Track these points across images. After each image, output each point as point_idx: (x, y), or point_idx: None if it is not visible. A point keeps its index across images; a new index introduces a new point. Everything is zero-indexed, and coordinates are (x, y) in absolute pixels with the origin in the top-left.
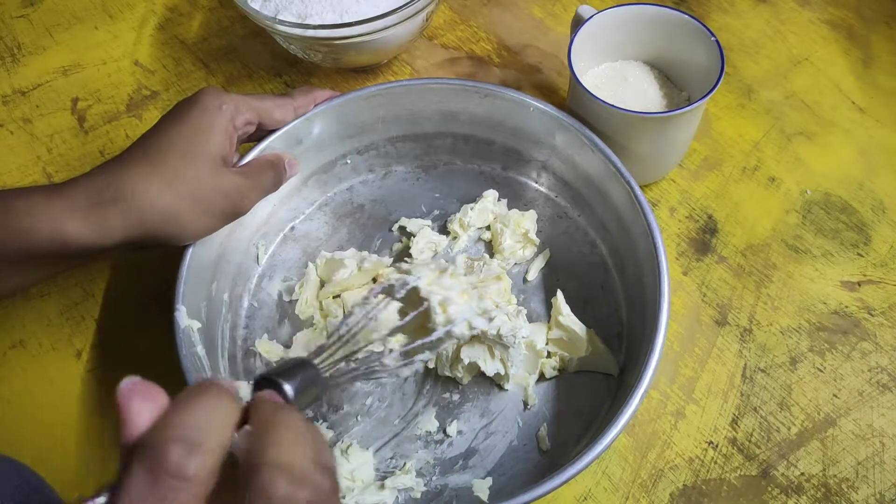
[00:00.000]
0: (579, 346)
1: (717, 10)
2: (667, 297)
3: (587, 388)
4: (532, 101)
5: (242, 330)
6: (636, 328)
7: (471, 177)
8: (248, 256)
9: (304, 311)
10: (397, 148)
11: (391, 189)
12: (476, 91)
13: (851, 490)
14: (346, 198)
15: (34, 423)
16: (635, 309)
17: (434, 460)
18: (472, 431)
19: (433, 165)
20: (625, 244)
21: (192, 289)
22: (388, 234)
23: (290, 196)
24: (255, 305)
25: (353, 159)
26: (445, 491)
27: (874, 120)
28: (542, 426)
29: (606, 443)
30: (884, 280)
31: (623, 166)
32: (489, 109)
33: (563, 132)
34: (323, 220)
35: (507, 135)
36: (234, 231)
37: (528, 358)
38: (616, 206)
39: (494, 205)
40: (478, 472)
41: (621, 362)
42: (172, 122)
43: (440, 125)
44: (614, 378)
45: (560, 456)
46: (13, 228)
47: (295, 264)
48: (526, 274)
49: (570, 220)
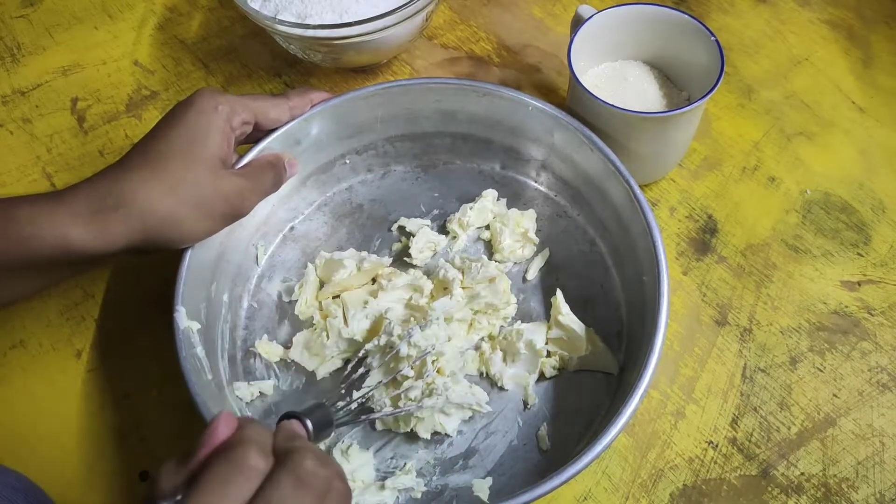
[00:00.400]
0: (579, 345)
1: (717, 10)
2: (666, 295)
3: (587, 387)
4: (530, 100)
5: (242, 331)
6: (636, 327)
7: (470, 176)
8: (247, 257)
9: (303, 312)
10: (396, 147)
11: (390, 189)
12: (474, 90)
13: (851, 490)
14: (345, 198)
15: (34, 422)
16: (635, 308)
17: (434, 460)
18: (473, 431)
19: (432, 165)
20: (624, 243)
21: (191, 290)
22: (388, 234)
23: (290, 196)
24: (255, 306)
25: (351, 159)
26: (446, 491)
27: (874, 120)
28: (542, 426)
29: (606, 442)
30: (884, 280)
31: (622, 165)
32: (488, 108)
33: (562, 131)
34: (322, 221)
35: (506, 134)
36: (234, 231)
37: (528, 357)
38: (615, 205)
39: (493, 204)
40: (478, 471)
41: (621, 361)
42: (170, 126)
43: (439, 125)
44: (614, 377)
45: (560, 455)
46: (16, 236)
47: (294, 265)
48: (525, 273)
49: (570, 219)
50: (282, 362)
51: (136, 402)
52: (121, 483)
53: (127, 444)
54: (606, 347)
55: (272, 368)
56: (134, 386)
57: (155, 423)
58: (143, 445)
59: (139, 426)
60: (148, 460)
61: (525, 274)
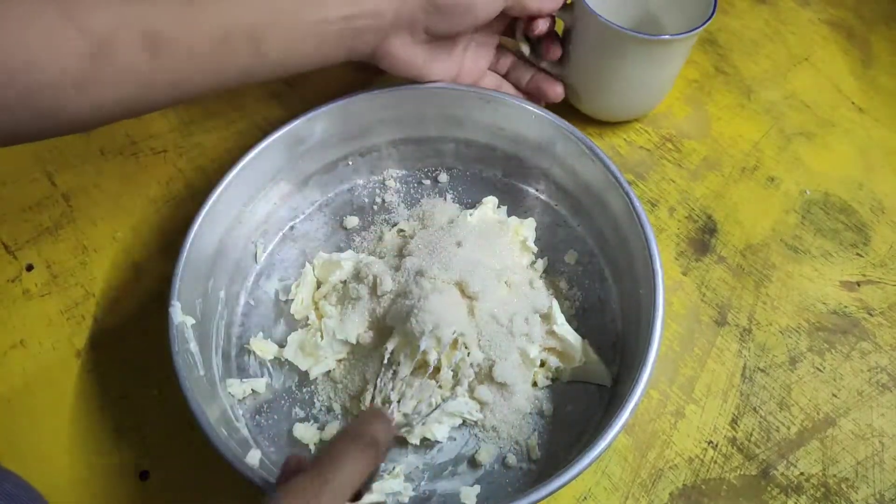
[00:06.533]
0: (573, 355)
1: (716, 11)
2: (661, 308)
3: (580, 398)
4: (534, 109)
5: (238, 327)
6: (631, 339)
7: (472, 182)
8: (246, 254)
9: (299, 312)
10: (399, 151)
11: (392, 192)
12: (479, 96)
13: (851, 490)
14: (346, 199)
15: (34, 422)
16: (631, 320)
17: (423, 465)
18: (463, 438)
19: (434, 169)
20: (623, 255)
21: (187, 285)
22: (388, 237)
23: (291, 195)
24: (252, 303)
25: (354, 160)
26: (433, 497)
27: (874, 120)
28: (532, 435)
29: (596, 453)
30: (883, 280)
31: (622, 176)
32: (492, 115)
33: (564, 141)
34: (322, 221)
35: (509, 141)
36: (234, 228)
37: (521, 367)
38: (615, 217)
39: (494, 211)
40: (466, 479)
41: (615, 373)
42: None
43: (443, 129)
44: (607, 389)
45: (550, 465)
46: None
47: (293, 264)
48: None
49: (570, 229)
50: (276, 361)
51: (136, 401)
52: (121, 483)
53: (127, 444)
54: (600, 359)
55: (266, 366)
56: (134, 386)
57: (155, 422)
58: (143, 445)
59: (139, 426)
60: (148, 460)
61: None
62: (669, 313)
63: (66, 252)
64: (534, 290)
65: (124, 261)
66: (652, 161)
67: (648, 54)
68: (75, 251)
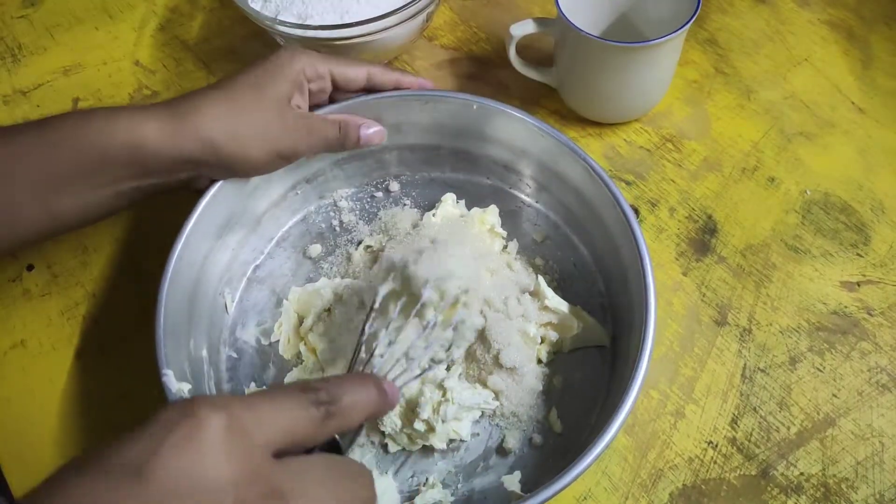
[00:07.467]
0: (569, 324)
1: (716, 11)
2: (647, 257)
3: (585, 364)
4: (474, 99)
5: (226, 384)
6: (619, 295)
7: (424, 185)
8: (216, 307)
9: (288, 351)
10: (344, 170)
11: (345, 212)
12: (416, 99)
13: (851, 490)
14: (302, 229)
15: (34, 423)
16: (613, 277)
17: (455, 468)
18: (485, 432)
19: (383, 180)
20: (589, 217)
21: (172, 350)
22: (357, 257)
23: (247, 237)
24: (235, 356)
25: (302, 188)
26: (474, 495)
27: (873, 120)
28: (550, 410)
29: (626, 410)
30: (883, 280)
31: (570, 140)
32: (431, 115)
33: (507, 122)
34: (285, 256)
35: (452, 137)
36: (200, 281)
37: (525, 347)
38: (576, 185)
39: (454, 207)
40: (500, 469)
41: (610, 332)
42: (246, 69)
43: (388, 138)
44: (608, 348)
45: (575, 434)
46: (91, 130)
47: (266, 306)
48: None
49: (531, 208)
50: None
51: (136, 401)
52: None
53: None
54: (595, 321)
55: None
56: (134, 386)
57: None
58: None
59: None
60: None
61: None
62: (670, 313)
63: (67, 252)
64: (514, 272)
65: (124, 261)
66: (652, 161)
67: (634, 60)
68: (75, 251)
